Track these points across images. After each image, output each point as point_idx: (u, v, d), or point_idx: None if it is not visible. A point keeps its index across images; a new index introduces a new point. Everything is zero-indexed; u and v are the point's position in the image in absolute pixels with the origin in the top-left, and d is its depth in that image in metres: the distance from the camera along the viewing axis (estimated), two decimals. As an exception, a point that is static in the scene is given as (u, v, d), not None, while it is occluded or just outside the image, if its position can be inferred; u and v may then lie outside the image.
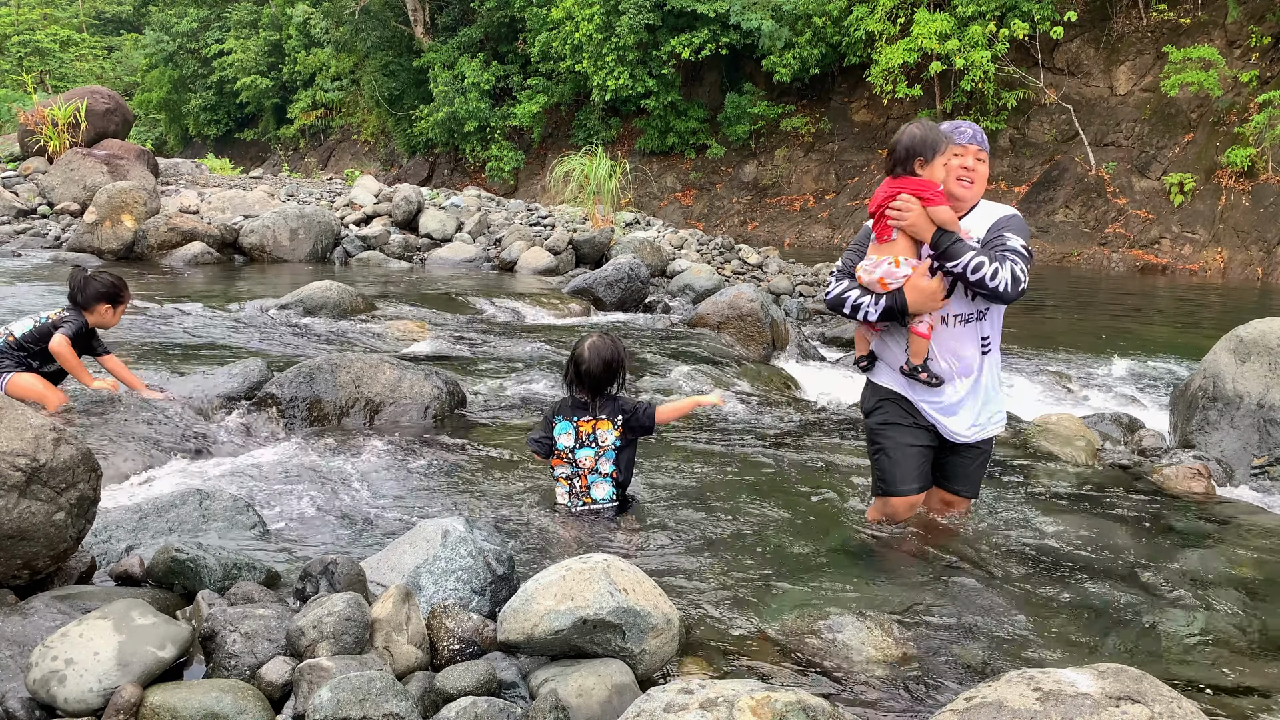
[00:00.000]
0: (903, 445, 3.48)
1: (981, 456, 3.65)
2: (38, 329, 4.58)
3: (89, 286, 4.67)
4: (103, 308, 4.68)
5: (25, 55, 43.32)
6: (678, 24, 24.83)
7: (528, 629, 2.32)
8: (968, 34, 20.54)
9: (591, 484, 3.62)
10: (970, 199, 3.41)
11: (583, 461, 3.60)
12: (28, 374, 4.55)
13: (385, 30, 32.66)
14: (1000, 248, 3.26)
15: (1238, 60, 19.96)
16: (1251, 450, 5.20)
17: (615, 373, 3.59)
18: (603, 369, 3.56)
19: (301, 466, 4.19)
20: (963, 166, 3.36)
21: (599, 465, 3.62)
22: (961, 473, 3.63)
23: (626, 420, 3.62)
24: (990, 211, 3.43)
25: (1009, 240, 3.28)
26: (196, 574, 2.58)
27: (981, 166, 3.39)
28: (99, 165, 12.48)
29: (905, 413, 3.49)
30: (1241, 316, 6.21)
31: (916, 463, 3.50)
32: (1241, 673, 2.77)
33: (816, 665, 2.64)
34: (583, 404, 3.60)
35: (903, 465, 3.49)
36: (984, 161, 3.40)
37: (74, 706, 2.04)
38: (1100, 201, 20.64)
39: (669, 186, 27.66)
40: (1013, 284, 3.19)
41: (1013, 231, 3.31)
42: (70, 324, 4.58)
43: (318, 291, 7.72)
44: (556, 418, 3.62)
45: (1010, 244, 3.26)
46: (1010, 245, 3.26)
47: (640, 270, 9.67)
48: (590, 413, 3.59)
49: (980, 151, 3.39)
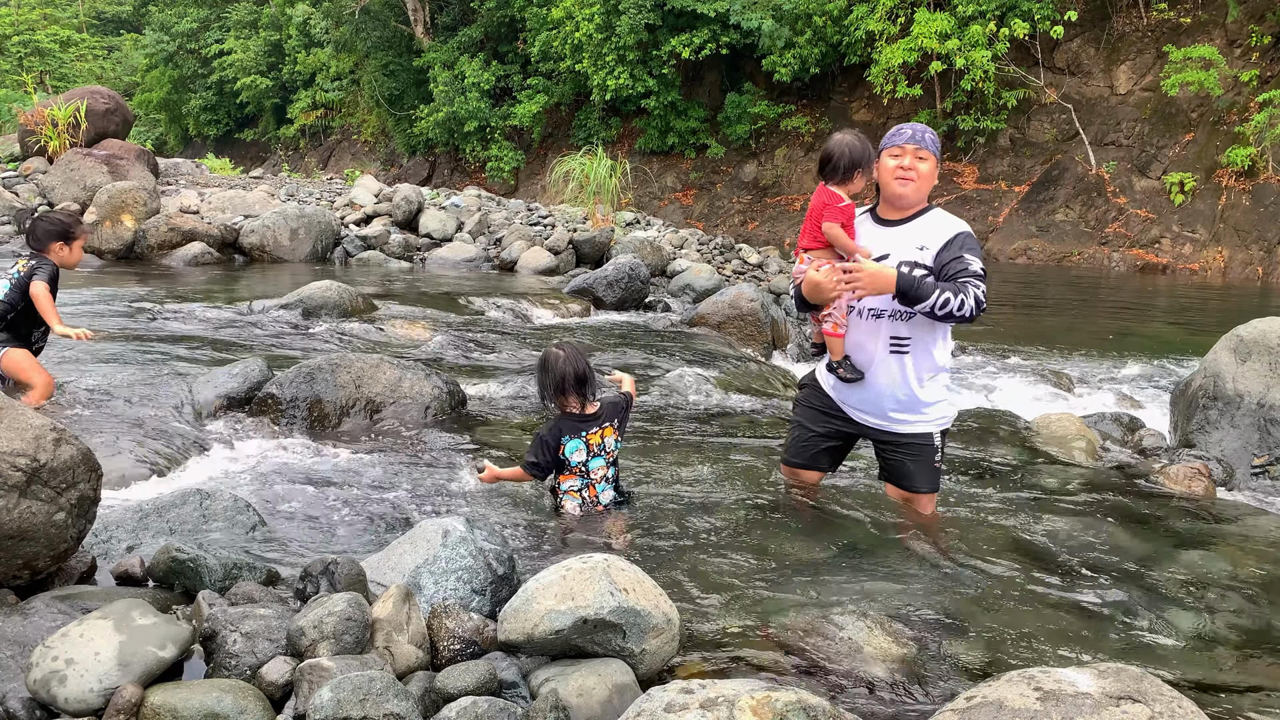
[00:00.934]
0: (801, 424, 3.89)
1: (913, 451, 3.69)
2: (15, 285, 4.63)
3: (38, 228, 4.74)
4: (57, 246, 4.73)
5: (25, 55, 43.31)
6: (678, 24, 24.82)
7: (528, 629, 2.32)
8: (968, 33, 20.55)
9: (600, 491, 3.65)
10: (912, 195, 3.50)
11: (595, 472, 3.62)
12: (21, 351, 4.63)
13: (385, 30, 32.65)
14: (962, 274, 3.38)
15: (1238, 60, 19.96)
16: (1252, 450, 5.20)
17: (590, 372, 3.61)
18: (582, 368, 3.56)
19: (302, 466, 4.19)
20: (899, 166, 3.48)
21: (608, 472, 3.66)
22: (898, 468, 3.75)
23: (621, 419, 3.67)
24: (944, 224, 3.51)
25: (970, 264, 3.41)
26: (197, 574, 2.58)
27: (922, 164, 3.47)
28: (99, 165, 12.47)
29: (817, 398, 3.83)
30: (1242, 316, 6.21)
31: (806, 443, 3.86)
32: (1241, 672, 2.78)
33: (817, 665, 2.64)
34: (580, 417, 3.59)
35: (794, 441, 3.92)
36: (925, 159, 3.47)
37: (74, 706, 2.04)
38: (1100, 201, 20.64)
39: (669, 186, 27.66)
40: (976, 309, 3.34)
41: (970, 252, 3.43)
42: (44, 269, 4.63)
43: (318, 291, 7.72)
44: (564, 438, 3.56)
45: (971, 268, 3.40)
46: (971, 269, 3.40)
47: (640, 270, 9.67)
48: (594, 423, 3.60)
49: (919, 150, 3.47)
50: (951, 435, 5.25)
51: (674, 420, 5.39)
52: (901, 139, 3.49)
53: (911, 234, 3.49)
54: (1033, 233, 20.92)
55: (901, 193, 3.48)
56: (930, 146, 3.47)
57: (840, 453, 3.93)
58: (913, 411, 3.62)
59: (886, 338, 3.53)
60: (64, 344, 5.93)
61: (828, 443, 3.84)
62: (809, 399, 3.86)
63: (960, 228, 3.49)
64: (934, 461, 3.71)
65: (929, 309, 3.33)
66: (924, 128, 3.53)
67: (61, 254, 4.75)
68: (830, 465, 3.95)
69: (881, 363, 3.56)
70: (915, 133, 3.49)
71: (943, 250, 3.44)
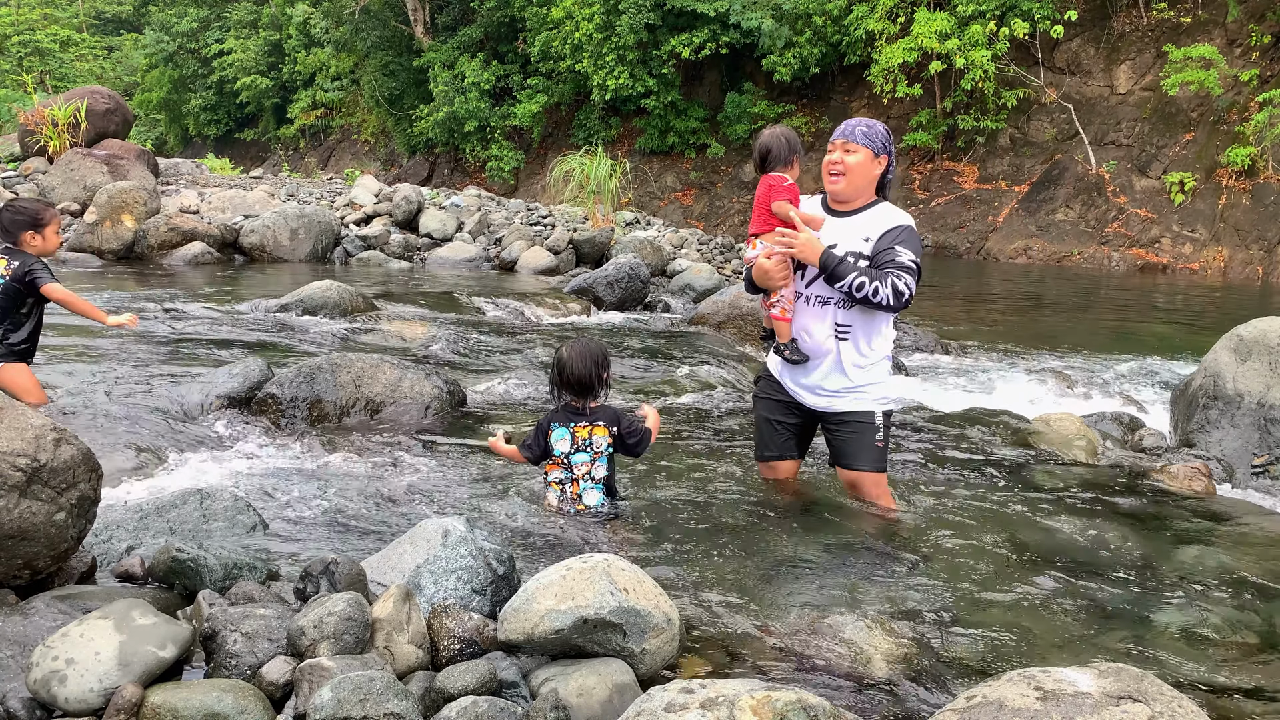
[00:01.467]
0: (763, 417, 3.96)
1: (854, 429, 3.75)
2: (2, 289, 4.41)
3: (3, 218, 4.48)
4: (28, 236, 4.47)
5: (25, 55, 43.32)
6: (678, 23, 24.82)
7: (528, 628, 2.32)
8: (968, 33, 20.54)
9: (584, 490, 3.60)
10: (844, 190, 3.63)
11: (578, 467, 3.59)
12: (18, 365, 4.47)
13: (385, 30, 32.64)
14: (889, 264, 3.51)
15: (1238, 59, 19.96)
16: (1252, 449, 5.20)
17: (599, 375, 3.56)
18: (586, 372, 3.53)
19: (302, 466, 4.19)
20: (829, 162, 3.62)
21: (593, 470, 3.59)
22: (840, 446, 3.83)
23: (620, 432, 3.59)
24: (887, 217, 3.63)
25: (899, 255, 3.52)
26: (197, 574, 2.58)
27: (851, 157, 3.58)
28: (99, 165, 12.47)
29: (773, 388, 3.91)
30: (1242, 315, 6.21)
31: (773, 435, 3.94)
32: (1242, 672, 2.77)
33: (817, 664, 2.64)
34: (576, 410, 3.58)
35: (762, 437, 4.01)
36: (854, 152, 3.57)
37: (75, 706, 2.04)
38: (1100, 201, 20.64)
39: (669, 186, 27.66)
40: (894, 298, 3.48)
41: (903, 244, 3.54)
42: (36, 269, 4.41)
43: (318, 291, 7.72)
44: (553, 425, 3.59)
45: (900, 259, 3.52)
46: (899, 261, 3.52)
47: (640, 270, 9.68)
48: (586, 418, 3.57)
49: (848, 143, 3.58)
50: (951, 434, 5.26)
51: (674, 420, 5.39)
52: (834, 136, 3.64)
53: (858, 225, 3.63)
54: (1033, 232, 20.92)
55: (832, 189, 3.65)
56: (861, 140, 3.57)
57: (805, 438, 4.01)
58: (852, 391, 3.72)
59: (832, 324, 3.66)
60: (63, 343, 5.94)
61: (790, 430, 3.93)
62: (764, 390, 3.96)
63: (901, 220, 3.61)
64: (875, 440, 3.76)
65: (845, 289, 3.50)
66: (860, 121, 3.64)
67: (35, 243, 4.48)
68: (801, 452, 4.04)
69: (825, 346, 3.68)
70: (846, 128, 3.62)
71: (880, 239, 3.57)
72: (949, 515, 3.97)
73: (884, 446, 3.80)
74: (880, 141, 3.60)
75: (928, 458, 4.85)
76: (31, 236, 4.49)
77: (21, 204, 4.60)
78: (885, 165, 3.65)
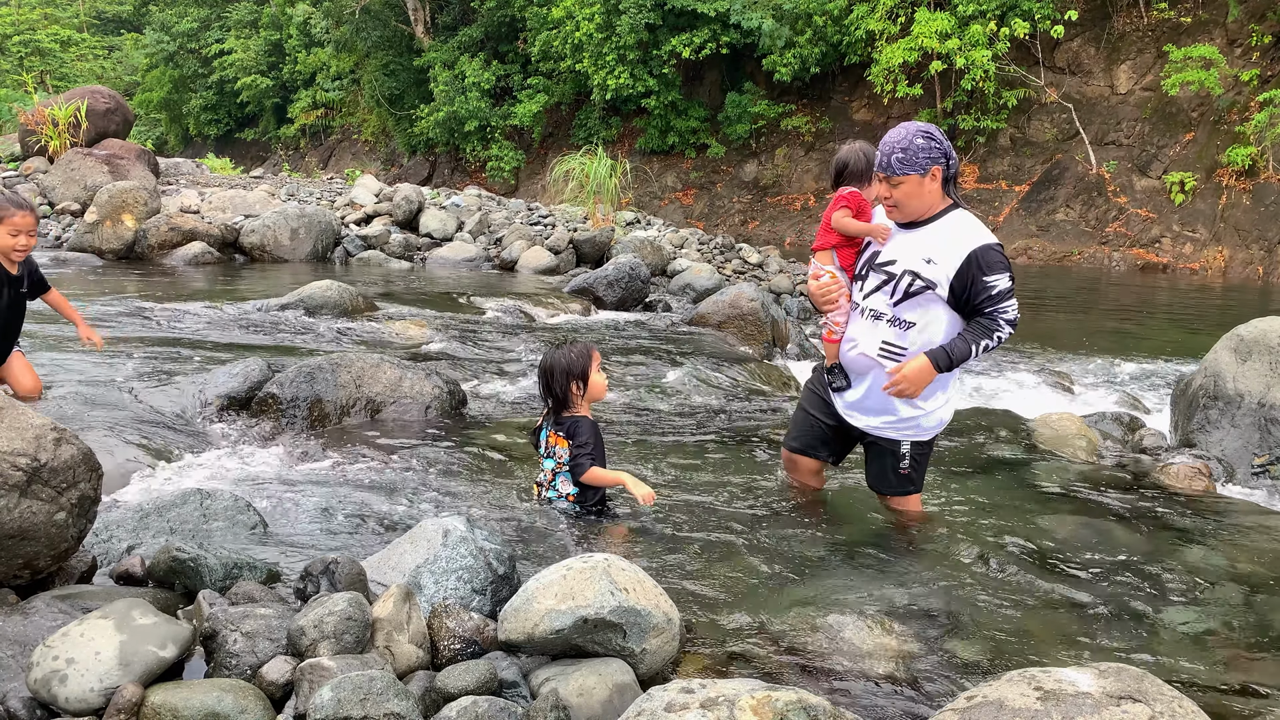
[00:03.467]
0: (803, 407, 3.93)
1: (879, 453, 3.71)
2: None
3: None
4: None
5: (26, 55, 43.35)
6: (678, 23, 24.81)
7: (528, 628, 2.32)
8: (968, 33, 20.54)
9: (550, 498, 3.64)
10: (903, 217, 3.45)
11: (545, 472, 3.65)
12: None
13: (385, 30, 32.64)
14: (986, 303, 3.31)
15: (1238, 59, 19.95)
16: (1252, 449, 5.20)
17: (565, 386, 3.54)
18: (555, 383, 3.56)
19: (302, 466, 4.19)
20: (879, 196, 3.49)
21: (556, 482, 3.61)
22: (869, 465, 3.82)
23: (570, 450, 3.56)
24: (957, 238, 3.36)
25: (991, 287, 3.30)
26: (197, 573, 2.58)
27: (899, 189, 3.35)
28: (100, 165, 12.47)
29: (820, 384, 3.88)
30: (1242, 315, 6.21)
31: (805, 426, 3.90)
32: (1242, 672, 2.77)
33: (817, 664, 2.64)
34: (558, 417, 3.62)
35: (795, 424, 3.98)
36: (900, 183, 3.34)
37: (75, 706, 2.04)
38: (1101, 200, 20.63)
39: (669, 186, 27.65)
40: (1011, 330, 3.38)
41: (990, 271, 3.30)
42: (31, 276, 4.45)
43: (318, 291, 7.72)
44: (542, 425, 3.69)
45: (994, 291, 3.31)
46: (994, 293, 3.31)
47: (641, 270, 9.67)
48: (558, 426, 3.59)
49: (890, 178, 3.36)
50: (951, 434, 5.26)
51: (674, 420, 5.39)
52: (875, 167, 3.43)
53: (921, 242, 3.41)
54: (1033, 232, 20.92)
55: (892, 219, 3.50)
56: (898, 169, 3.32)
57: (840, 445, 3.88)
58: (883, 415, 3.62)
59: (879, 341, 3.51)
60: (62, 342, 5.94)
61: (823, 428, 3.82)
62: (814, 383, 3.91)
63: (973, 244, 3.33)
64: (898, 468, 3.67)
65: (975, 360, 3.48)
66: (895, 143, 3.34)
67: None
68: (830, 456, 3.92)
69: (869, 362, 3.55)
70: (882, 159, 3.36)
71: (958, 275, 3.32)
72: (949, 515, 3.97)
73: (909, 474, 3.69)
74: (924, 158, 3.31)
75: (928, 457, 4.84)
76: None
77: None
78: (939, 173, 3.36)
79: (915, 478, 3.73)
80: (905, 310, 3.43)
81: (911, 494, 3.77)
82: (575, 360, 3.58)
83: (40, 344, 5.87)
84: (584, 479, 3.54)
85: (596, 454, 3.56)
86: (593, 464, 3.53)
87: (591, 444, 3.55)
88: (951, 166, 3.39)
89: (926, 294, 3.39)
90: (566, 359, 3.58)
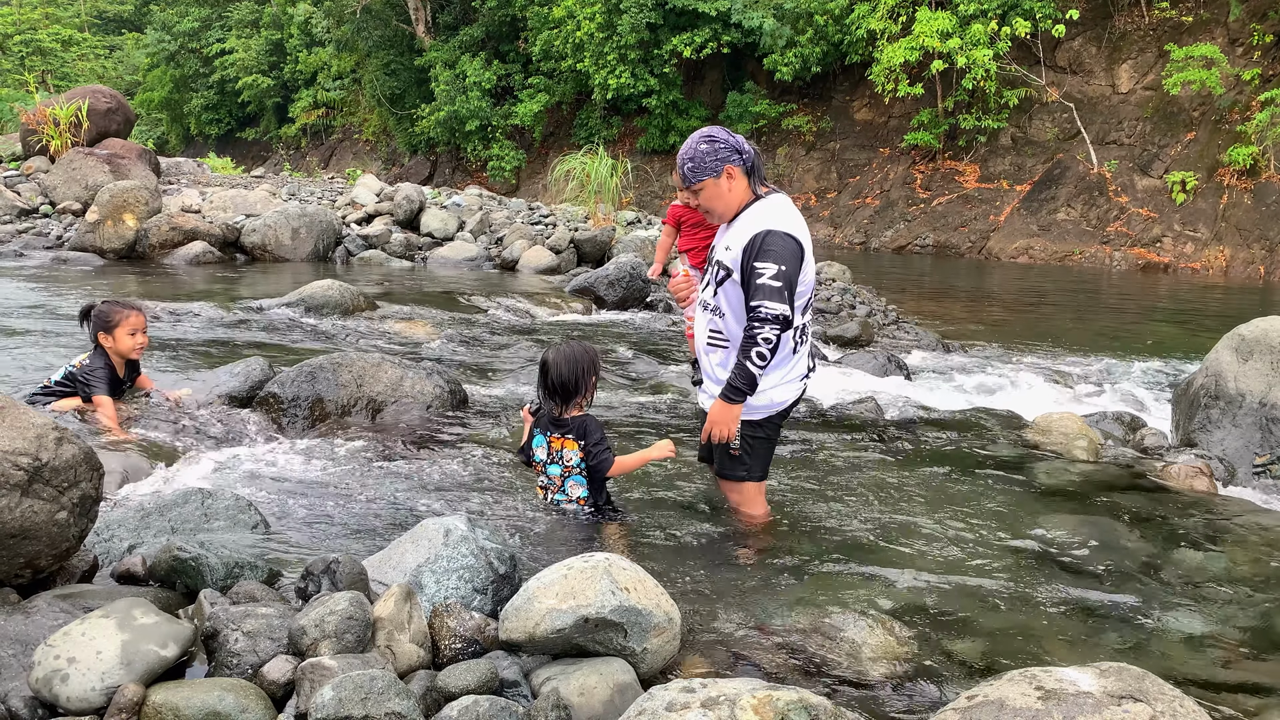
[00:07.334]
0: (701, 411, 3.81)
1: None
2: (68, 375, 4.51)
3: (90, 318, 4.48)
4: (100, 335, 4.47)
5: (27, 55, 43.37)
6: (679, 23, 24.82)
7: (530, 628, 2.32)
8: (969, 32, 20.53)
9: (559, 501, 3.60)
10: (716, 219, 3.54)
11: (552, 478, 3.60)
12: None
13: (386, 29, 32.66)
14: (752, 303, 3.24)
15: (1240, 58, 19.94)
16: (1253, 449, 5.20)
17: (580, 381, 3.48)
18: (568, 377, 3.46)
19: (303, 465, 4.19)
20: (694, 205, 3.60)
21: (565, 486, 3.56)
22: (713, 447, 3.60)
23: (585, 450, 3.51)
24: (755, 219, 3.38)
25: (759, 274, 3.24)
26: (199, 573, 2.59)
27: (701, 194, 3.42)
28: (101, 165, 12.47)
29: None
30: (1243, 315, 6.20)
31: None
32: (1242, 671, 2.77)
33: (818, 664, 2.64)
34: (555, 419, 3.54)
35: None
36: (700, 188, 3.40)
37: (76, 705, 2.04)
38: (1102, 200, 20.62)
39: (670, 185, 27.62)
40: (775, 329, 3.21)
41: (762, 258, 3.26)
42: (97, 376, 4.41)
43: (320, 290, 7.72)
44: (535, 430, 3.59)
45: (759, 279, 3.23)
46: (759, 282, 3.23)
47: (642, 269, 9.67)
48: (560, 429, 3.53)
49: (689, 186, 3.42)
50: (952, 434, 5.25)
51: (674, 420, 5.39)
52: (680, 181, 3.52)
53: (726, 234, 3.51)
54: (1034, 232, 20.91)
55: (711, 222, 3.63)
56: (693, 178, 3.38)
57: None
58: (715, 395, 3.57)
59: (707, 330, 3.57)
60: (61, 342, 5.94)
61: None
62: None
63: (759, 228, 3.32)
64: (728, 449, 3.52)
65: (760, 373, 3.27)
66: (685, 154, 3.41)
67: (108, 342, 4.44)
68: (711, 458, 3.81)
69: (703, 351, 3.61)
70: (680, 172, 3.44)
71: (744, 258, 3.33)
72: (949, 515, 3.97)
73: (739, 456, 3.52)
74: (712, 161, 3.35)
75: (928, 457, 4.85)
76: (103, 337, 4.46)
77: (100, 304, 4.53)
78: (735, 170, 3.37)
79: (747, 461, 3.55)
80: (719, 299, 3.47)
81: (745, 480, 3.61)
82: (594, 357, 3.57)
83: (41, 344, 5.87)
84: (611, 473, 3.54)
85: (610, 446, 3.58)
86: (614, 455, 3.55)
87: (604, 438, 3.56)
88: (747, 160, 3.40)
89: (728, 282, 3.41)
90: (589, 355, 3.54)
